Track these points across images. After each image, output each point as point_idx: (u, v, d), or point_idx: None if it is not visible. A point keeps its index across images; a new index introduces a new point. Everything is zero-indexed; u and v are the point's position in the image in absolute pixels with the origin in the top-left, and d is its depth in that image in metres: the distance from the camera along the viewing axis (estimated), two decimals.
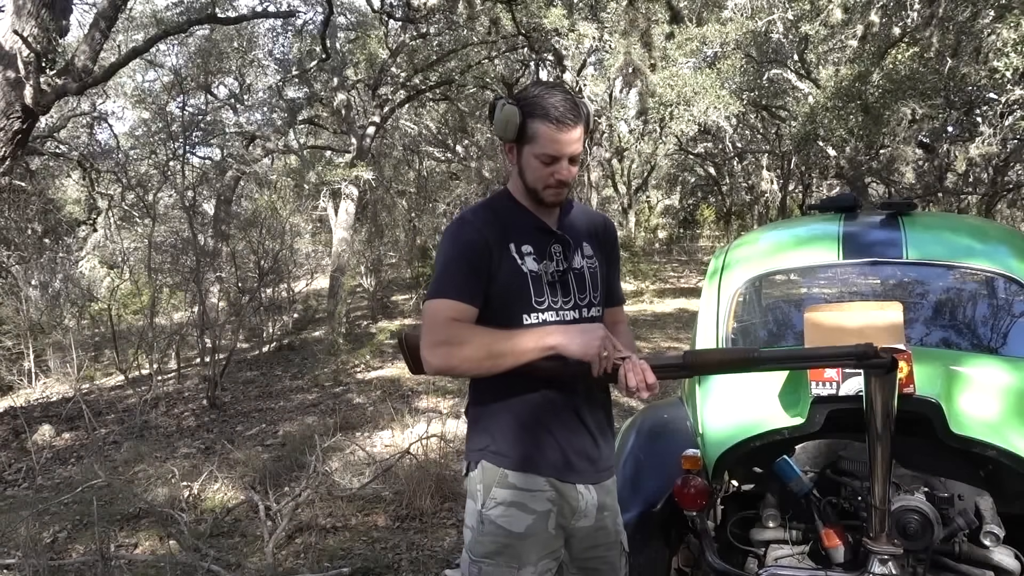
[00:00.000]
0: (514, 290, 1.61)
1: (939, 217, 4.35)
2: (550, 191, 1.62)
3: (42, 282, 10.43)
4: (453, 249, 1.60)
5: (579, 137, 1.59)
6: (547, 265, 1.65)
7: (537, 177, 1.60)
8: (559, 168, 1.59)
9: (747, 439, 2.01)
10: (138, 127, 14.16)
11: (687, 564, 2.42)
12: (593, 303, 1.71)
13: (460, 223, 1.65)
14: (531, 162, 1.60)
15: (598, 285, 1.73)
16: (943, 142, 11.98)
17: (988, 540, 1.85)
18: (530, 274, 1.62)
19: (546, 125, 1.56)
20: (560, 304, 1.65)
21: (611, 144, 16.72)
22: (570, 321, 1.65)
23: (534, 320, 1.62)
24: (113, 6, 5.58)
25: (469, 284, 1.57)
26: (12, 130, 4.90)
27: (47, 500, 4.62)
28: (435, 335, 1.54)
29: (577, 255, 1.71)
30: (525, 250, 1.63)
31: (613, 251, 1.83)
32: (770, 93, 14.99)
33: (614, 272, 1.84)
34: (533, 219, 1.67)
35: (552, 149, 1.57)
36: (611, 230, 1.85)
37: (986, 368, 2.12)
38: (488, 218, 1.64)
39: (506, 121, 1.58)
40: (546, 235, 1.67)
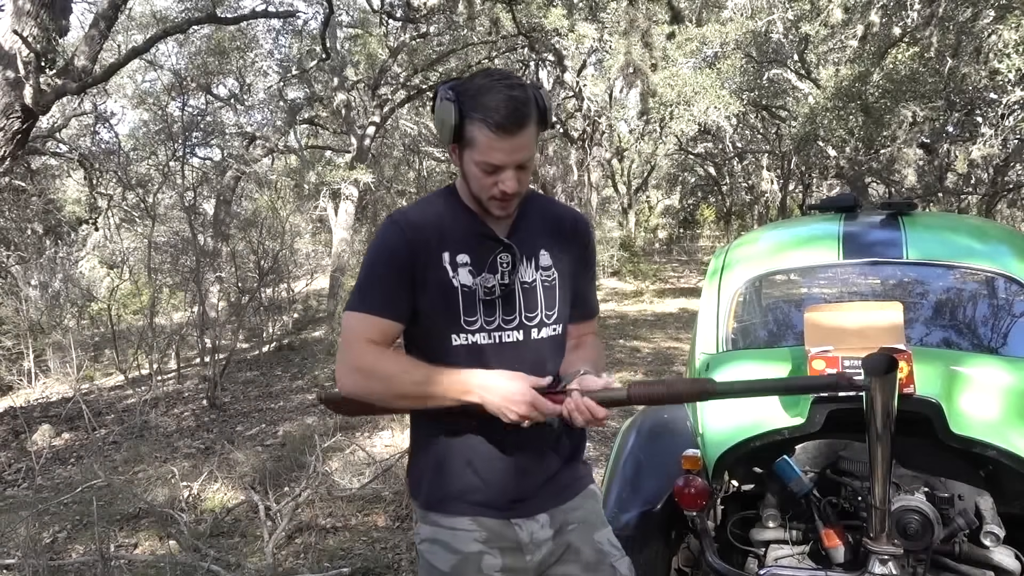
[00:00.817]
0: (442, 306, 1.40)
1: (939, 217, 4.35)
2: (494, 203, 1.38)
3: (42, 282, 10.43)
4: (376, 254, 1.41)
5: (528, 143, 1.34)
6: (486, 279, 1.42)
7: (479, 187, 1.37)
8: (503, 178, 1.34)
9: (747, 439, 2.01)
10: (139, 127, 14.16)
11: (687, 564, 2.42)
12: (546, 322, 1.47)
13: (388, 224, 1.44)
14: (472, 169, 1.36)
15: (555, 301, 1.48)
16: (943, 142, 11.98)
17: (988, 540, 1.85)
18: (461, 289, 1.40)
19: (485, 131, 1.31)
20: (499, 323, 1.43)
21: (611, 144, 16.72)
22: (511, 344, 1.44)
23: (463, 341, 1.41)
24: (113, 6, 5.58)
25: (391, 297, 1.39)
26: (12, 130, 4.90)
27: (47, 500, 4.62)
28: (350, 357, 1.39)
29: (529, 267, 1.46)
30: (461, 260, 1.41)
31: (584, 256, 1.57)
32: (770, 93, 14.99)
33: (585, 280, 1.59)
34: (478, 224, 1.44)
35: (493, 158, 1.32)
36: (582, 231, 1.57)
37: (986, 368, 2.12)
38: (421, 220, 1.43)
39: (441, 121, 1.36)
40: (490, 243, 1.44)
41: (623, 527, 2.15)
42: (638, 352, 8.86)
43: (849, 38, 11.80)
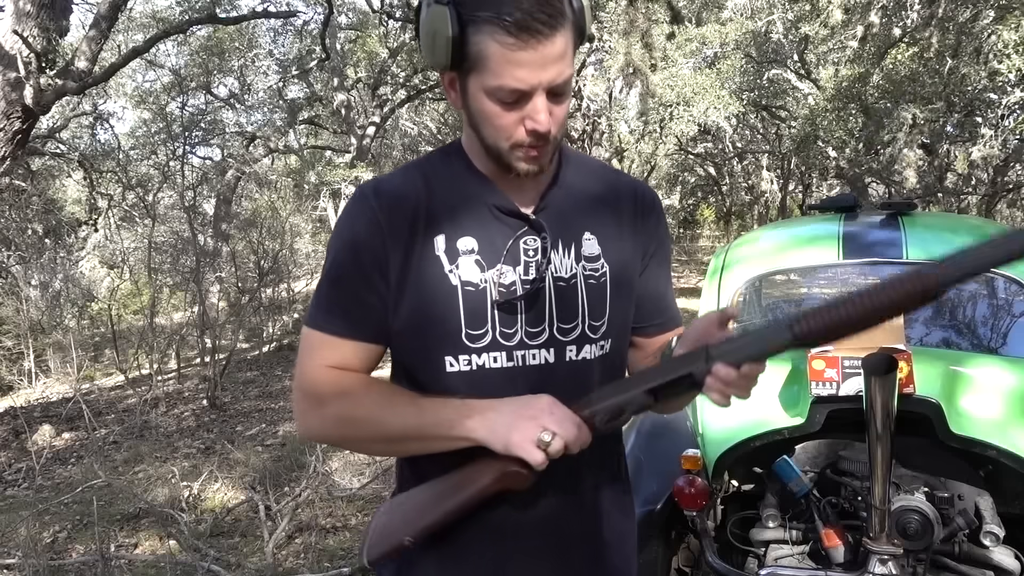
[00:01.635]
0: (433, 316, 0.98)
1: (939, 217, 4.36)
2: (519, 154, 0.94)
3: (42, 282, 10.43)
4: (338, 245, 1.01)
5: (564, 52, 0.89)
6: (502, 273, 0.98)
7: (496, 130, 0.93)
8: (531, 109, 0.91)
9: (747, 439, 2.02)
10: (138, 127, 14.17)
11: (687, 564, 2.42)
12: (590, 336, 1.03)
13: (354, 200, 1.01)
14: (483, 104, 0.92)
15: (604, 306, 1.04)
16: (943, 142, 11.98)
17: (988, 540, 1.85)
18: (463, 289, 0.97)
19: (500, 37, 0.87)
20: (521, 338, 1.00)
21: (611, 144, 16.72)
22: (535, 369, 1.00)
23: (463, 366, 0.98)
24: (113, 6, 5.59)
25: (359, 310, 0.99)
26: (12, 130, 4.90)
27: (47, 500, 4.62)
28: (308, 390, 1.02)
29: (567, 256, 1.02)
30: (463, 246, 0.98)
31: (655, 243, 1.11)
32: (770, 93, 15.00)
33: (661, 278, 1.13)
34: (491, 193, 1.01)
35: (515, 78, 0.88)
36: (648, 206, 1.11)
37: (986, 368, 2.12)
38: (401, 190, 1.00)
39: (431, 36, 0.91)
40: (510, 221, 1.00)
41: None
42: None
43: (849, 39, 11.80)
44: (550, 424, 0.89)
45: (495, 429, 0.91)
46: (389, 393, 1.01)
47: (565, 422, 0.90)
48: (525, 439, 0.89)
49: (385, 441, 1.01)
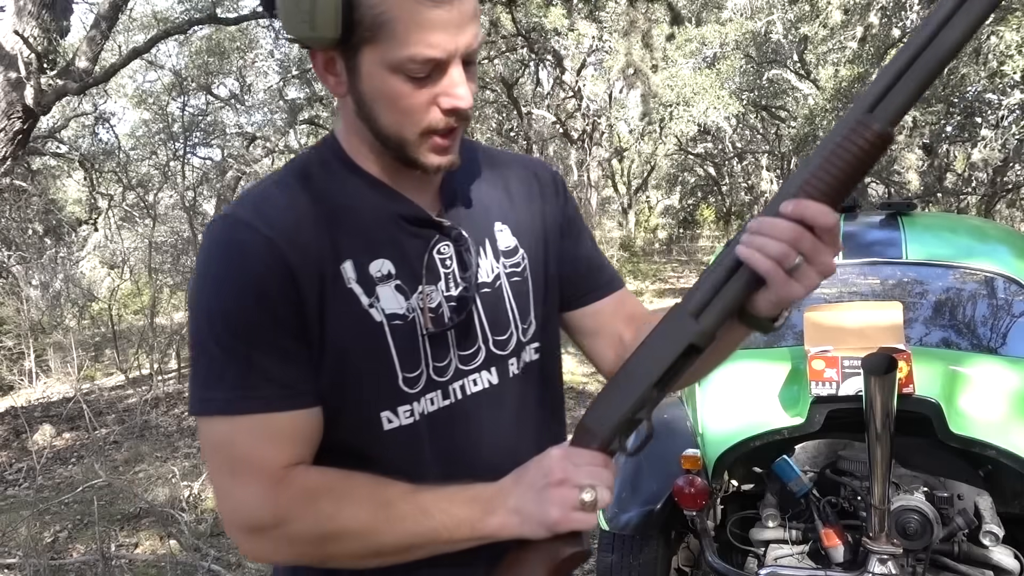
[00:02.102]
0: (361, 366, 0.79)
1: (939, 217, 4.36)
2: (431, 142, 0.77)
3: (43, 282, 10.44)
4: (230, 295, 0.75)
5: (476, 8, 0.75)
6: (428, 295, 0.82)
7: (404, 115, 0.75)
8: (449, 84, 0.75)
9: (747, 439, 2.02)
10: (139, 127, 14.19)
11: (687, 564, 2.43)
12: (523, 341, 0.89)
13: (232, 231, 0.76)
14: (386, 83, 0.74)
15: (528, 304, 0.90)
16: (943, 142, 11.99)
17: (987, 540, 1.86)
18: (390, 325, 0.79)
19: (411, 0, 0.70)
20: (456, 368, 0.84)
21: (611, 144, 16.73)
22: (479, 397, 0.85)
23: (404, 420, 0.81)
24: (113, 7, 5.59)
25: (288, 364, 0.76)
26: (13, 130, 4.91)
27: (48, 500, 4.62)
28: (253, 512, 0.76)
29: (483, 255, 0.87)
30: (379, 271, 0.80)
31: (569, 215, 0.98)
32: (770, 93, 15.01)
33: (583, 245, 0.99)
34: (393, 201, 0.82)
35: (428, 45, 0.71)
36: (551, 183, 0.97)
37: (986, 368, 2.13)
38: (292, 214, 0.78)
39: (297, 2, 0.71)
40: (420, 231, 0.83)
41: (623, 527, 2.16)
42: None
43: (848, 39, 11.81)
44: (581, 479, 0.75)
45: (528, 515, 0.75)
46: (376, 490, 0.77)
47: (593, 467, 0.76)
48: (567, 510, 0.74)
49: (380, 555, 0.78)
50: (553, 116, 15.30)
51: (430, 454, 0.83)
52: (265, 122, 14.00)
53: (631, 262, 17.26)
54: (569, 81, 13.34)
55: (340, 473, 0.78)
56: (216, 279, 0.76)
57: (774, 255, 0.68)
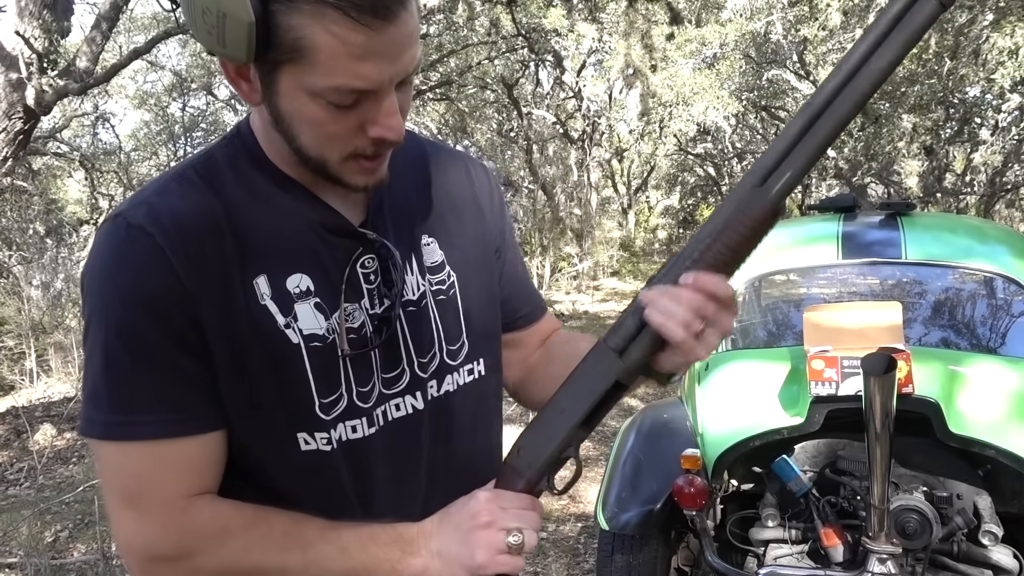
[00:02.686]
0: (274, 391, 0.73)
1: (938, 217, 4.37)
2: (356, 167, 0.72)
3: (44, 282, 10.45)
4: (121, 310, 0.68)
5: (415, 28, 0.67)
6: (350, 314, 0.76)
7: (326, 140, 0.69)
8: (380, 113, 0.68)
9: (746, 439, 2.03)
10: (140, 128, 14.20)
11: (687, 563, 2.44)
12: (450, 364, 0.83)
13: (124, 238, 0.69)
14: (305, 108, 0.67)
15: (460, 322, 0.84)
16: (942, 143, 12.00)
17: (987, 539, 1.86)
18: (307, 347, 0.73)
19: (332, 23, 0.62)
20: (379, 392, 0.78)
21: (611, 144, 16.73)
22: (401, 422, 0.80)
23: (321, 444, 0.75)
24: (114, 7, 5.60)
25: (186, 386, 0.70)
26: (14, 131, 4.91)
27: (49, 499, 4.63)
28: (156, 545, 0.71)
29: (409, 270, 0.81)
30: (296, 287, 0.73)
31: (499, 226, 0.91)
32: (769, 94, 15.01)
33: (515, 264, 0.95)
34: (311, 208, 0.75)
35: (356, 76, 0.65)
36: (485, 182, 0.91)
37: (985, 368, 2.13)
38: (197, 215, 0.71)
39: (216, 12, 0.62)
40: (341, 242, 0.77)
41: (623, 527, 2.17)
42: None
43: (848, 40, 11.82)
44: (508, 521, 0.71)
45: (452, 558, 0.72)
46: (292, 527, 0.71)
47: (520, 509, 0.73)
48: (493, 552, 0.71)
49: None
50: (553, 116, 15.31)
51: (349, 485, 0.77)
52: None
53: (631, 262, 17.27)
54: (569, 81, 13.34)
55: (252, 507, 0.72)
56: (102, 287, 0.69)
57: (683, 322, 0.69)
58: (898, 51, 0.64)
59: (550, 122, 15.77)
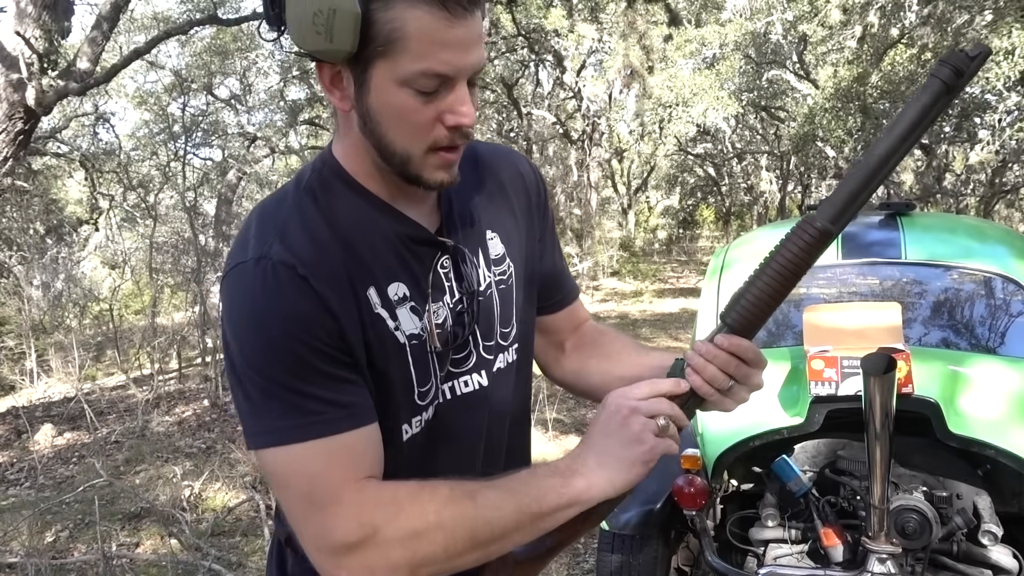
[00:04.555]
0: (392, 385, 0.82)
1: (938, 217, 4.37)
2: (436, 160, 0.78)
3: (44, 282, 10.45)
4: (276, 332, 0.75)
5: (482, 31, 0.77)
6: (436, 312, 0.85)
7: (413, 130, 0.76)
8: (456, 101, 0.75)
9: (746, 439, 2.03)
10: (140, 128, 14.20)
11: (687, 563, 2.44)
12: (503, 344, 0.93)
13: (273, 277, 0.76)
14: (396, 98, 0.74)
15: (512, 310, 0.94)
16: (941, 143, 12.01)
17: (986, 539, 1.86)
18: (410, 346, 0.83)
19: (423, 10, 0.71)
20: (457, 377, 0.88)
21: (610, 145, 16.74)
22: (469, 397, 0.89)
23: (416, 430, 0.85)
24: (114, 7, 5.60)
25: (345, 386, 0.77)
26: (15, 131, 4.91)
27: (49, 499, 4.63)
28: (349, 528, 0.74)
29: (479, 267, 0.90)
30: (395, 293, 0.82)
31: (544, 219, 1.02)
32: (769, 94, 15.02)
33: (554, 252, 1.05)
34: (396, 220, 0.83)
35: (440, 61, 0.73)
36: (534, 181, 1.01)
37: (985, 368, 2.14)
38: (322, 246, 0.78)
39: (327, 10, 0.70)
40: (425, 250, 0.85)
41: (623, 527, 2.17)
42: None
43: (847, 39, 11.82)
44: (647, 408, 0.79)
45: (613, 460, 0.79)
46: (449, 484, 0.78)
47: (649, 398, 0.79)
48: (649, 437, 0.78)
49: (475, 545, 0.77)
50: (553, 116, 15.31)
51: (436, 454, 0.88)
52: (266, 122, 14.01)
53: (631, 262, 17.27)
54: (569, 82, 13.35)
55: (411, 481, 0.79)
56: (261, 322, 0.76)
57: (708, 378, 0.80)
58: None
59: (550, 122, 15.78)
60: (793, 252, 0.78)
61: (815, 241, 0.77)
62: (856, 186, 0.76)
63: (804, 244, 0.77)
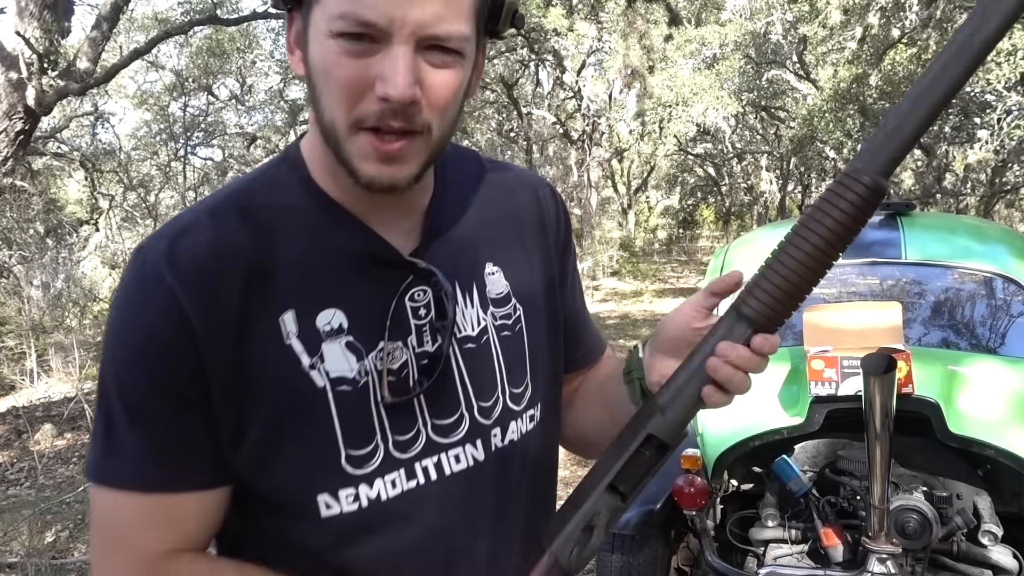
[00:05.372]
0: (294, 440, 0.65)
1: (938, 217, 4.37)
2: (366, 144, 0.61)
3: (44, 282, 10.46)
4: (125, 357, 0.63)
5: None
6: (389, 356, 0.67)
7: (336, 90, 0.61)
8: (386, 67, 0.59)
9: (746, 439, 2.03)
10: (140, 128, 14.21)
11: (687, 563, 2.44)
12: (513, 409, 0.74)
13: (140, 278, 0.64)
14: (323, 49, 0.61)
15: (525, 365, 0.76)
16: (941, 143, 12.01)
17: (986, 539, 1.87)
18: (334, 391, 0.65)
19: None
20: (428, 441, 0.69)
21: (610, 144, 16.74)
22: (463, 475, 0.70)
23: (348, 506, 0.66)
24: (114, 7, 5.60)
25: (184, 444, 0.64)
26: (14, 131, 4.92)
27: (49, 499, 4.64)
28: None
29: (469, 303, 0.73)
30: (326, 324, 0.66)
31: (565, 253, 0.83)
32: (769, 94, 15.03)
33: (575, 295, 0.86)
34: (353, 231, 0.68)
35: (364, 4, 0.58)
36: (553, 206, 0.82)
37: (985, 368, 2.14)
38: (220, 251, 0.64)
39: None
40: (388, 273, 0.69)
41: (623, 527, 2.17)
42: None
43: (847, 39, 11.82)
44: None
45: None
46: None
47: None
48: None
49: None
50: (553, 116, 15.31)
51: (384, 546, 0.68)
52: (266, 122, 14.02)
53: (631, 262, 17.28)
54: (569, 81, 13.35)
55: (234, 565, 0.67)
56: (113, 330, 0.64)
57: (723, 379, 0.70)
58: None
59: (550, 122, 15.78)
60: (836, 217, 0.59)
61: (865, 201, 0.58)
62: (916, 127, 0.57)
63: (850, 205, 0.58)
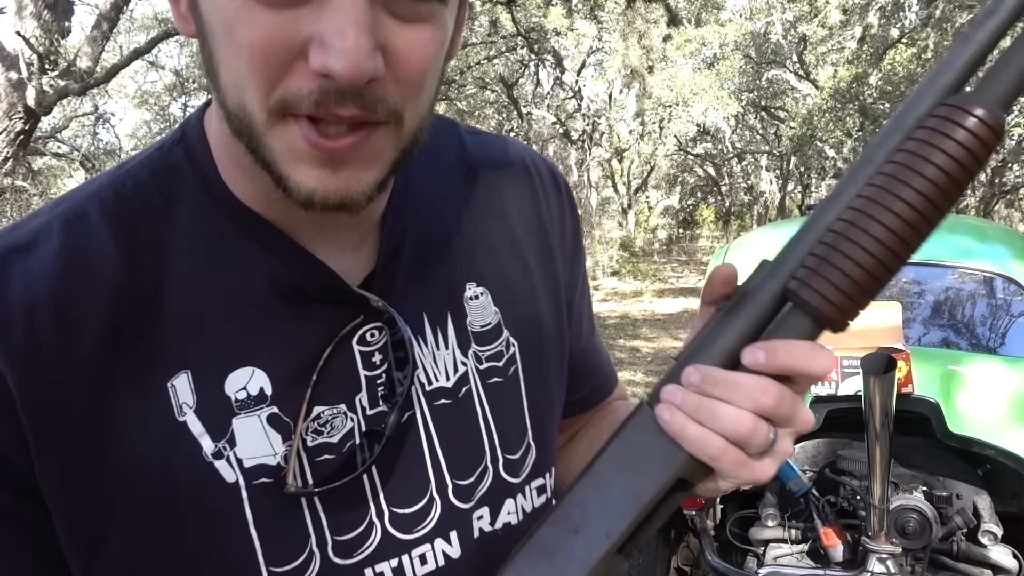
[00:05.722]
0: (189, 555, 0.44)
1: None
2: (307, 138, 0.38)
3: None
4: None
5: None
6: (328, 426, 0.47)
7: (250, 63, 0.37)
8: (329, 23, 0.36)
9: None
10: (140, 128, 14.22)
11: (687, 563, 2.44)
12: (509, 481, 0.54)
13: None
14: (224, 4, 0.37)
15: (525, 420, 0.56)
16: None
17: (986, 539, 1.87)
18: (249, 487, 0.45)
19: None
20: (382, 540, 0.49)
21: (610, 144, 16.75)
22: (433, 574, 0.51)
23: None
24: (115, 7, 5.61)
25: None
26: (15, 131, 4.92)
27: None
28: None
29: (441, 344, 0.52)
30: (239, 389, 0.45)
31: (574, 255, 0.63)
32: (769, 94, 15.04)
33: (583, 315, 0.66)
34: (279, 260, 0.46)
35: None
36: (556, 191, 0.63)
37: (984, 368, 2.14)
38: (73, 287, 0.42)
39: None
40: (325, 311, 0.47)
41: None
42: (638, 352, 8.88)
43: (847, 39, 11.83)
44: None
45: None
46: None
47: None
48: None
49: None
50: (553, 116, 15.32)
51: None
52: None
53: (631, 262, 17.29)
54: (569, 81, 13.36)
55: None
56: None
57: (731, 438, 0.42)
58: None
59: (550, 122, 15.79)
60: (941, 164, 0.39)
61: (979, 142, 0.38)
62: None
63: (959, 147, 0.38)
